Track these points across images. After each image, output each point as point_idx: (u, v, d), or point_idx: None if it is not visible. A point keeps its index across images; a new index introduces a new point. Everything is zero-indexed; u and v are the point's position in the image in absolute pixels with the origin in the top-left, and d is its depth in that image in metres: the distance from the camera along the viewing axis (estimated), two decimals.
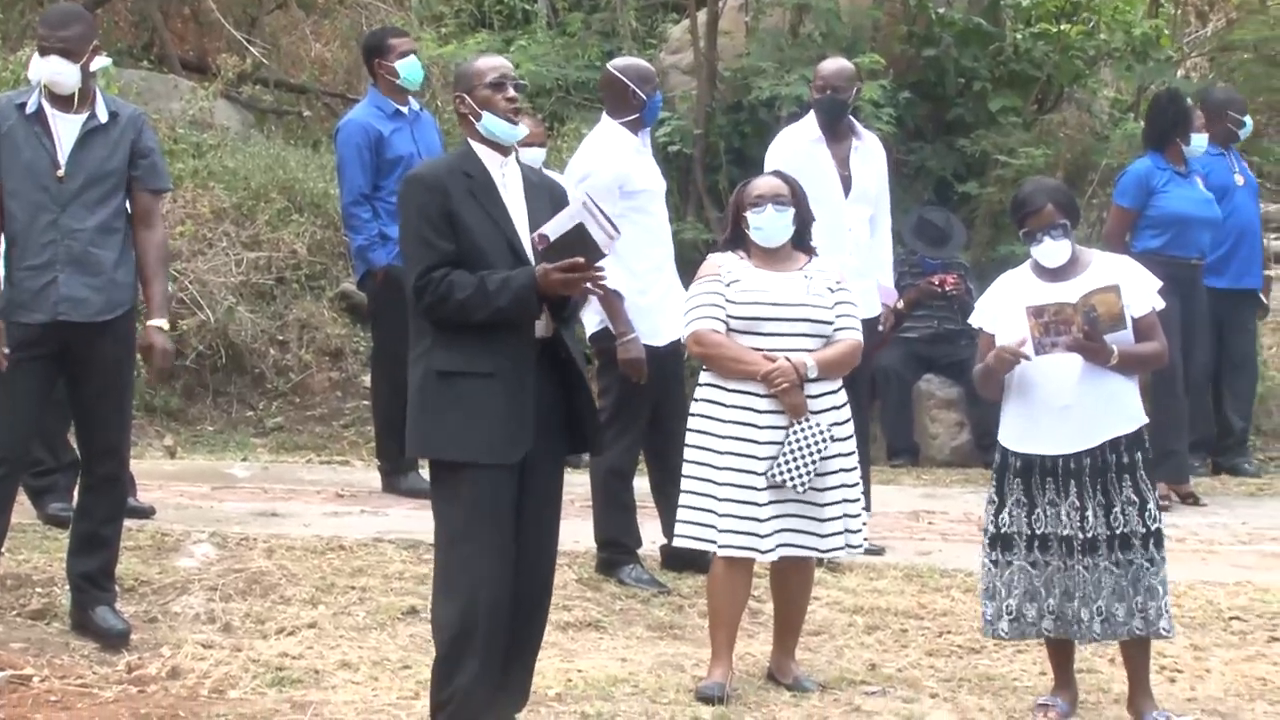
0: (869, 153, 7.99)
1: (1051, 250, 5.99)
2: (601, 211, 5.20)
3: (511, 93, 5.32)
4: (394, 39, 8.83)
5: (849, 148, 7.92)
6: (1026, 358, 5.85)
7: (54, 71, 6.17)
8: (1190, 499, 9.36)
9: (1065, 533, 5.88)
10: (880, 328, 8.15)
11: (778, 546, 6.04)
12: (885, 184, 8.10)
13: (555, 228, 5.13)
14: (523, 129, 5.44)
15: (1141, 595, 5.86)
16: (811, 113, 8.00)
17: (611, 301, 7.14)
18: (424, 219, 5.16)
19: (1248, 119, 10.37)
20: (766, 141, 8.25)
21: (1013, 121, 11.65)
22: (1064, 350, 5.84)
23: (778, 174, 6.42)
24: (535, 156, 8.10)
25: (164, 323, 6.38)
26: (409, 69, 8.74)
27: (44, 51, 6.19)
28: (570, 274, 5.10)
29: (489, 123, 5.30)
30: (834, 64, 8.10)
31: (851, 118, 8.09)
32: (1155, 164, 9.41)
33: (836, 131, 7.88)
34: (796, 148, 7.81)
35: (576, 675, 6.16)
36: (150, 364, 6.45)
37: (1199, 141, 9.46)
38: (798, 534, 6.06)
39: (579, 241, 5.11)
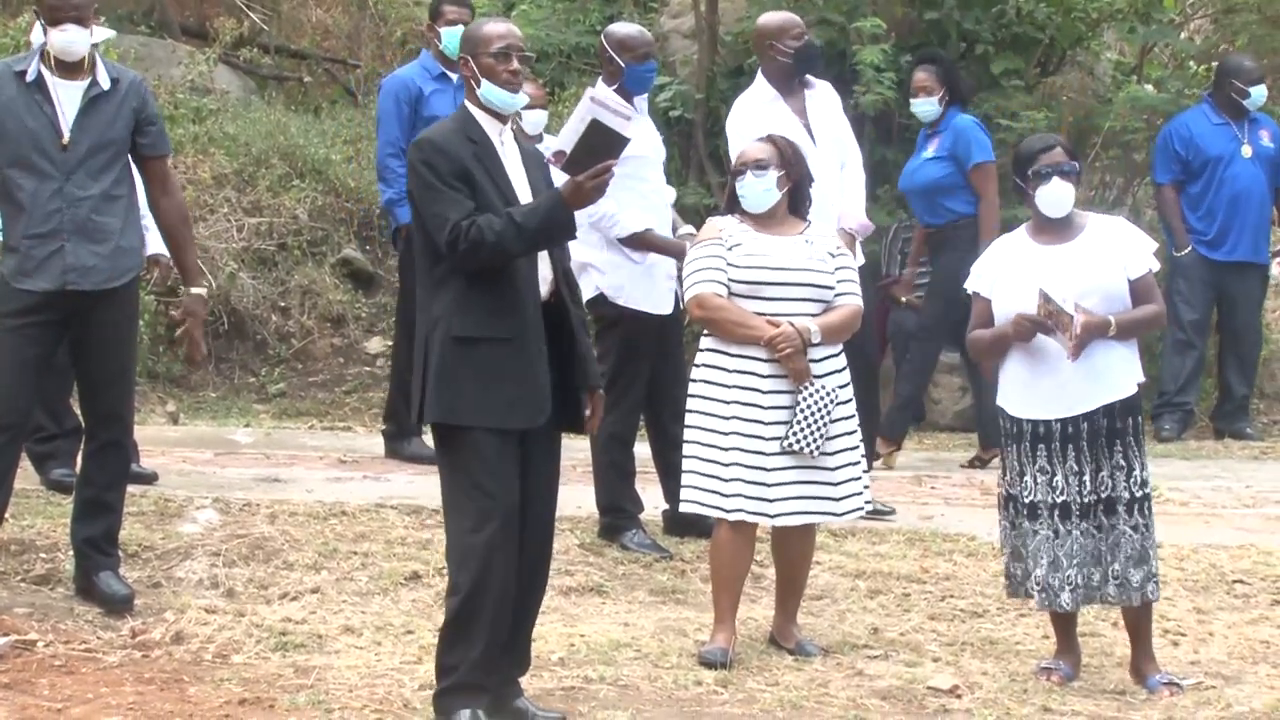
0: (822, 99, 7.92)
1: (1059, 191, 5.95)
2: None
3: (515, 64, 5.28)
4: (449, 5, 8.72)
5: (804, 99, 7.88)
6: (1046, 331, 5.83)
7: (70, 40, 6.12)
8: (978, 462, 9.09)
9: (1061, 499, 5.89)
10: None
11: (791, 513, 6.04)
12: (847, 126, 8.05)
13: (569, 136, 5.11)
14: (522, 98, 5.41)
15: (1120, 563, 5.87)
16: (760, 78, 7.90)
17: None
18: (440, 178, 5.14)
19: (1255, 89, 10.17)
20: None
21: (1015, 85, 11.55)
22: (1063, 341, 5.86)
23: (769, 138, 6.37)
24: (538, 119, 8.10)
25: (204, 290, 6.50)
26: (451, 37, 8.67)
27: (57, 21, 6.12)
28: (600, 178, 5.12)
29: (488, 91, 5.28)
30: (780, 15, 8.12)
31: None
32: None
33: (791, 86, 7.85)
34: (757, 111, 7.73)
35: (579, 640, 6.16)
36: (190, 333, 6.48)
37: None
38: (811, 500, 6.06)
39: (597, 139, 5.10)
